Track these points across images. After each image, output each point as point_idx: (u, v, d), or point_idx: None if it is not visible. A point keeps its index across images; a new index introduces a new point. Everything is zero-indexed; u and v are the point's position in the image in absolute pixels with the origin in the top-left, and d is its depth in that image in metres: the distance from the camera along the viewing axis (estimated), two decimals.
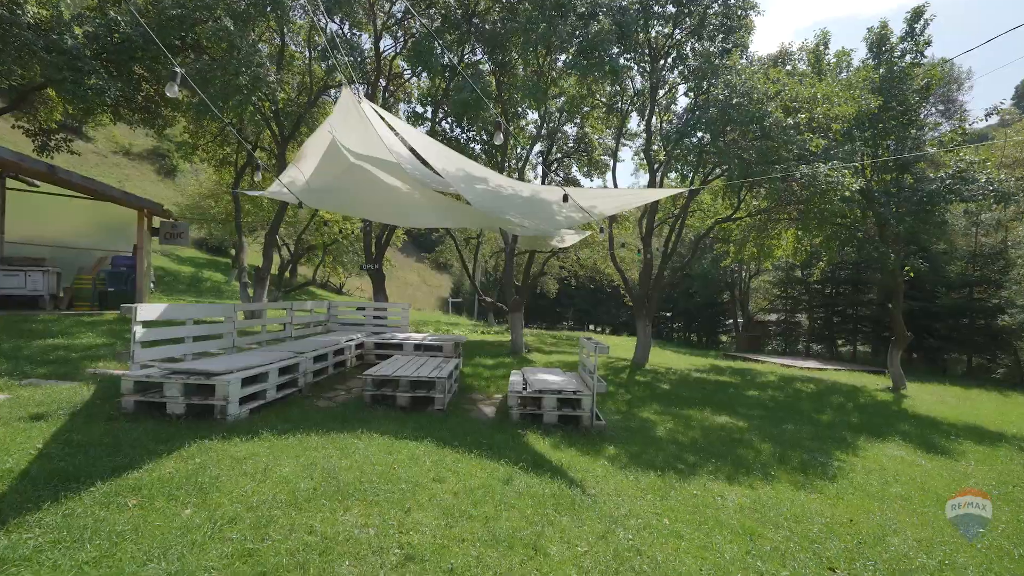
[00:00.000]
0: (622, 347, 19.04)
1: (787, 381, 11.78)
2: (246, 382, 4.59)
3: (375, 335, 8.41)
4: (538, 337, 19.99)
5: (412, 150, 6.46)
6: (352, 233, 22.87)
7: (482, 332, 18.46)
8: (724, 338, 31.64)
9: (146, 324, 4.89)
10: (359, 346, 7.75)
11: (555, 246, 11.45)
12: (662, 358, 15.05)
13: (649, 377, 10.22)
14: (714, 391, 9.55)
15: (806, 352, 23.26)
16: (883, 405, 9.87)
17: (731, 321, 29.00)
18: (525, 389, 5.66)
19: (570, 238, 10.71)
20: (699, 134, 8.21)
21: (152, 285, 16.55)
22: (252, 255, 36.63)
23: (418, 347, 7.80)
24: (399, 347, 7.80)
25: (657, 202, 11.71)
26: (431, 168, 6.40)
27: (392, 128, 5.91)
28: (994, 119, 13.72)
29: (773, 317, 26.57)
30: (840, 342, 22.98)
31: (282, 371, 5.28)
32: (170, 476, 3.27)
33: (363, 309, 8.98)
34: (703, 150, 8.73)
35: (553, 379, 6.01)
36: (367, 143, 5.37)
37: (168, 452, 3.66)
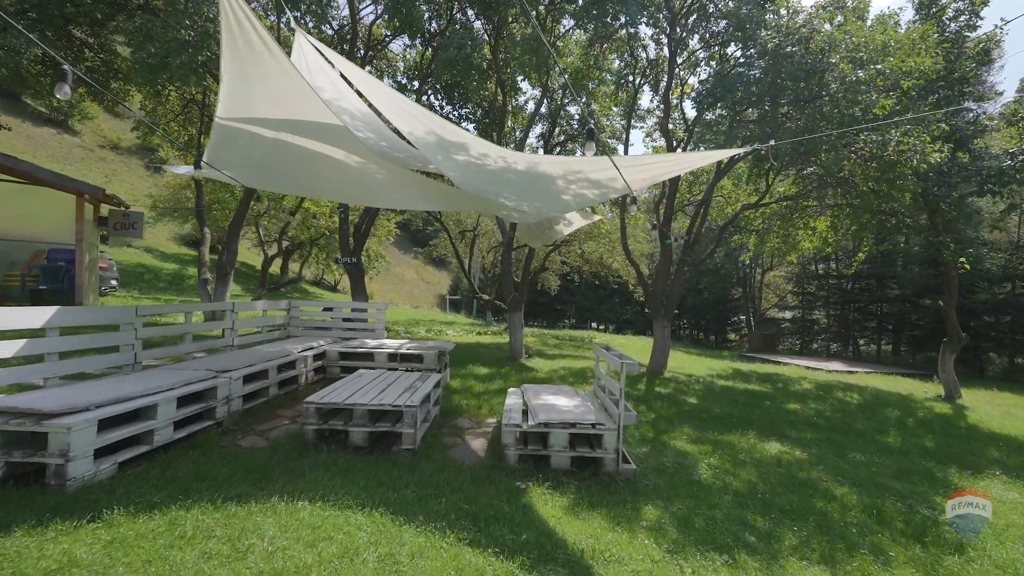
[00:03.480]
0: (631, 349, 17.56)
1: (825, 390, 10.30)
2: (109, 424, 3.10)
3: (343, 341, 6.91)
4: (539, 338, 18.50)
5: (372, 107, 4.93)
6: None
7: (478, 333, 16.98)
8: (732, 336, 30.16)
9: None
10: (319, 356, 6.25)
11: (560, 232, 9.92)
12: (676, 361, 13.55)
13: (671, 388, 8.73)
14: (748, 405, 8.07)
15: (827, 352, 21.76)
16: (947, 420, 8.38)
17: (743, 319, 27.49)
18: (526, 420, 4.17)
19: (577, 221, 9.19)
20: (737, 94, 6.70)
21: (114, 282, 15.06)
22: (242, 252, 35.21)
23: (393, 357, 6.30)
24: (369, 357, 6.31)
25: (677, 186, 10.20)
26: (397, 132, 4.88)
27: (343, 76, 4.39)
28: None
29: (788, 315, 25.07)
30: (862, 341, 21.49)
31: (185, 401, 3.78)
32: None
33: (330, 310, 7.48)
34: (736, 115, 7.21)
35: (563, 404, 4.51)
36: (295, 102, 3.80)
37: None
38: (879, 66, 5.68)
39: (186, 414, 3.74)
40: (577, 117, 14.16)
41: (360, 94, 4.87)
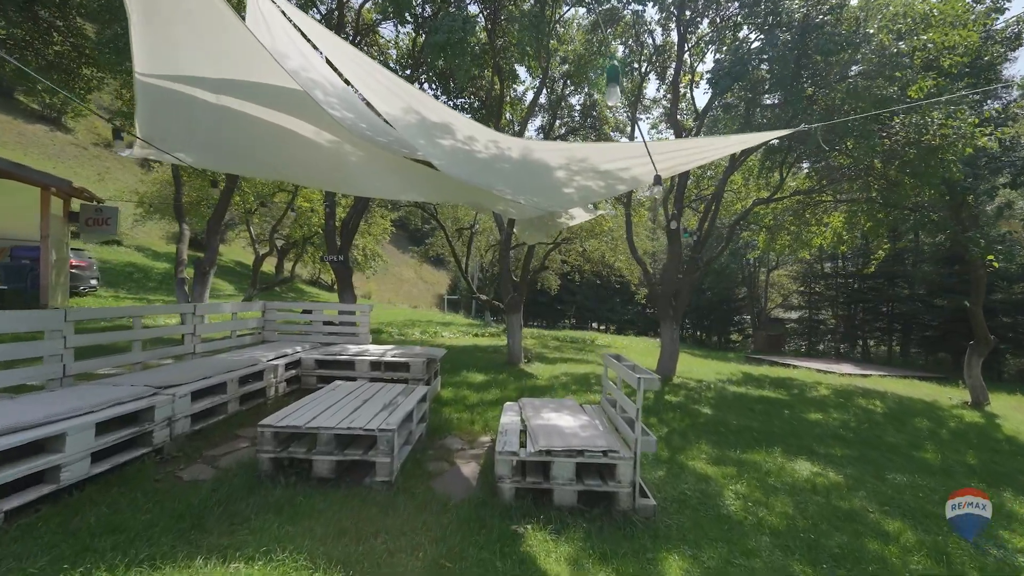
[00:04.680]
0: (634, 351, 16.90)
1: (845, 396, 9.64)
2: None
3: (322, 347, 6.25)
4: (539, 339, 17.85)
5: (344, 79, 4.26)
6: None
7: (475, 335, 16.32)
8: (735, 337, 29.48)
9: None
10: (293, 365, 5.58)
11: (563, 225, 9.25)
12: (682, 364, 12.86)
13: (682, 396, 8.07)
14: (767, 415, 7.42)
15: (836, 354, 21.10)
16: (982, 432, 7.74)
17: (747, 319, 26.84)
18: (524, 445, 3.51)
19: (580, 215, 8.53)
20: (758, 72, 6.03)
21: (94, 282, 14.39)
22: (237, 251, 34.57)
23: (376, 366, 5.63)
24: (349, 366, 5.64)
25: (686, 180, 9.53)
26: (371, 107, 4.23)
27: (304, 35, 3.73)
28: None
29: (795, 315, 24.42)
30: (871, 342, 20.84)
31: (110, 425, 3.11)
32: None
33: (310, 312, 6.81)
34: (754, 98, 6.54)
35: (567, 424, 3.85)
36: (241, 59, 3.11)
37: None
38: (923, 37, 5.03)
39: (111, 442, 3.08)
40: (579, 108, 13.50)
41: (329, 63, 4.19)
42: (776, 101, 6.37)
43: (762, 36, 6.74)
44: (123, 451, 3.25)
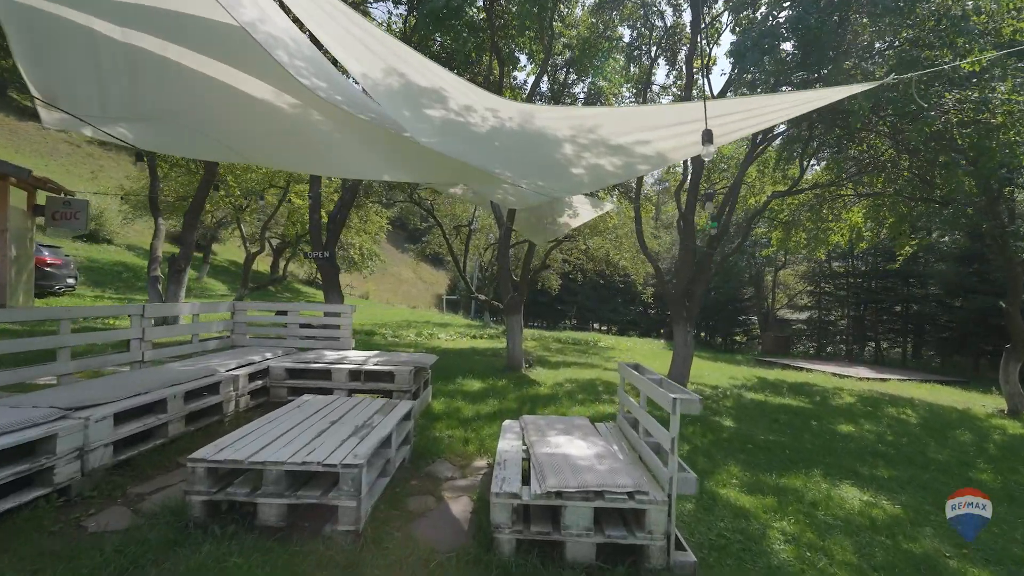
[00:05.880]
0: (639, 354, 16.17)
1: (871, 404, 8.92)
2: None
3: (297, 354, 5.51)
4: (540, 341, 17.12)
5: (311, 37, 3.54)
6: None
7: (474, 336, 15.59)
8: (740, 338, 28.72)
9: None
10: (259, 375, 4.85)
11: (567, 225, 8.52)
12: (692, 369, 12.17)
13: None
14: (794, 427, 6.70)
15: (848, 356, 20.35)
16: None
17: (754, 320, 26.11)
18: (527, 481, 2.79)
19: (585, 212, 7.78)
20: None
21: (71, 281, 13.65)
22: (232, 250, 33.79)
23: (355, 375, 4.89)
24: (325, 375, 4.90)
25: (701, 171, 8.79)
26: (344, 71, 3.51)
27: None
28: None
29: (804, 315, 23.69)
30: (885, 344, 20.11)
31: None
32: None
33: (285, 313, 6.08)
34: (782, 73, 5.82)
35: (579, 452, 3.13)
36: None
37: None
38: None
39: None
40: (583, 98, 12.78)
41: (284, 6, 3.44)
42: (811, 77, 5.63)
43: (787, 4, 6.01)
44: (10, 494, 2.52)
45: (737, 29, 9.24)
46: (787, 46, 5.78)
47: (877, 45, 5.33)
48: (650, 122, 3.55)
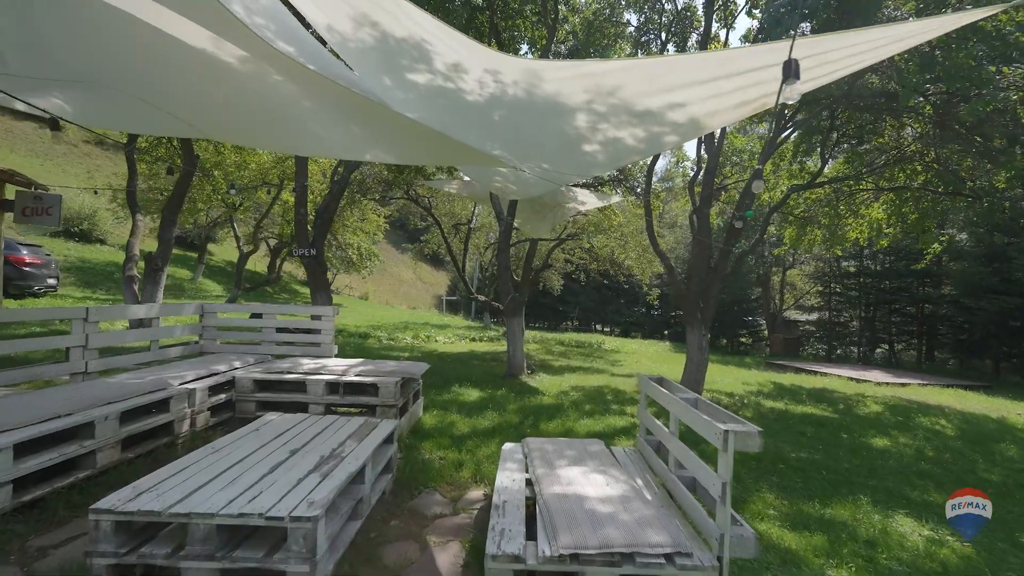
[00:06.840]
0: (645, 358, 15.56)
1: (901, 413, 8.27)
2: None
3: (271, 362, 4.89)
4: (542, 344, 16.49)
5: None
6: None
7: (473, 339, 14.96)
8: (746, 339, 28.05)
9: None
10: (223, 387, 4.23)
11: (571, 213, 7.89)
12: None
13: None
14: (824, 442, 6.07)
15: (863, 359, 19.68)
16: None
17: (761, 321, 25.45)
18: (532, 536, 2.17)
19: (590, 201, 7.15)
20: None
21: (52, 281, 13.06)
22: (228, 250, 33.23)
23: (334, 388, 4.27)
24: (299, 387, 4.29)
25: (717, 159, 8.17)
26: (303, 22, 2.89)
27: None
28: None
29: (813, 316, 23.04)
30: (899, 346, 19.45)
31: None
32: None
33: (259, 316, 5.47)
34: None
35: (598, 494, 2.52)
36: None
37: None
38: None
39: None
40: None
41: None
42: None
43: None
44: None
45: (754, 11, 8.65)
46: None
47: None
48: (686, 77, 2.88)
